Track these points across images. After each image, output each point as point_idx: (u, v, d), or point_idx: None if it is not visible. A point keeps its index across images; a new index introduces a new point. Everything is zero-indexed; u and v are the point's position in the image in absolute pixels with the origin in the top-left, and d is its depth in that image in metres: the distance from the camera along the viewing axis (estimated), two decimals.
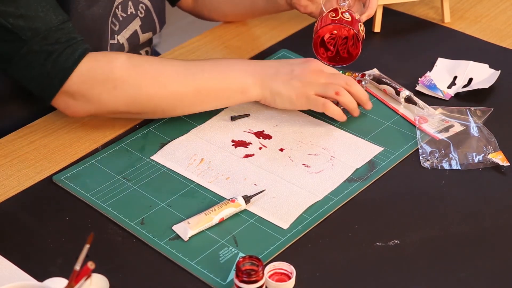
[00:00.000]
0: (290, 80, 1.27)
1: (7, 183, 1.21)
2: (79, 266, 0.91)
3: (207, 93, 1.26)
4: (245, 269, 1.00)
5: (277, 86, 1.27)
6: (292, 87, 1.27)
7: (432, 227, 1.13)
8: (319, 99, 1.27)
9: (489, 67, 1.44)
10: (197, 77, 1.25)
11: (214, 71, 1.27)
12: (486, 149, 1.25)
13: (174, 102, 1.26)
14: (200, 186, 1.19)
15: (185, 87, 1.25)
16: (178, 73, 1.25)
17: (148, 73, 1.24)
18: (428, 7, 1.65)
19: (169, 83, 1.24)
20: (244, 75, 1.27)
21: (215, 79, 1.26)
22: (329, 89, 1.27)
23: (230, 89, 1.27)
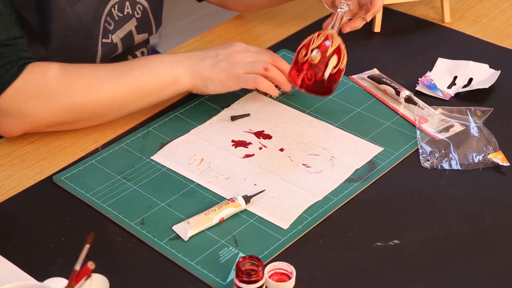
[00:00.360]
0: (217, 63, 1.28)
1: (7, 183, 1.21)
2: (79, 266, 0.91)
3: (140, 90, 1.27)
4: (245, 269, 1.00)
5: (206, 71, 1.28)
6: (220, 69, 1.28)
7: (432, 227, 1.13)
8: (249, 75, 1.28)
9: (489, 67, 1.44)
10: (128, 76, 1.26)
11: (143, 67, 1.28)
12: (486, 149, 1.25)
13: (109, 104, 1.26)
14: (200, 186, 1.19)
15: (117, 88, 1.26)
16: (109, 75, 1.26)
17: (80, 79, 1.25)
18: (428, 7, 1.65)
19: (101, 86, 1.25)
20: (173, 66, 1.28)
21: (145, 74, 1.27)
22: (257, 65, 1.28)
23: (161, 82, 1.28)
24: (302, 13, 1.62)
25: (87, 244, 0.93)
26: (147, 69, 1.27)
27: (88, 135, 1.30)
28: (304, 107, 1.35)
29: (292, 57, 1.48)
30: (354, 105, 1.36)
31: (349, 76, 1.44)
